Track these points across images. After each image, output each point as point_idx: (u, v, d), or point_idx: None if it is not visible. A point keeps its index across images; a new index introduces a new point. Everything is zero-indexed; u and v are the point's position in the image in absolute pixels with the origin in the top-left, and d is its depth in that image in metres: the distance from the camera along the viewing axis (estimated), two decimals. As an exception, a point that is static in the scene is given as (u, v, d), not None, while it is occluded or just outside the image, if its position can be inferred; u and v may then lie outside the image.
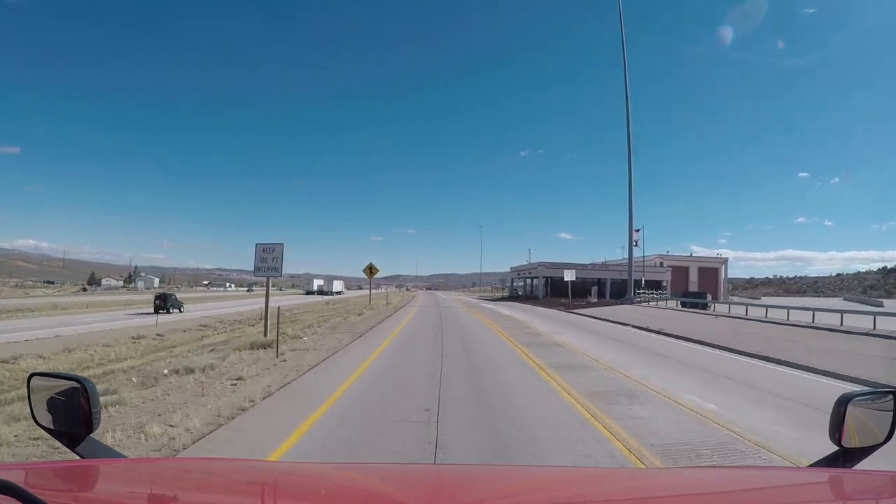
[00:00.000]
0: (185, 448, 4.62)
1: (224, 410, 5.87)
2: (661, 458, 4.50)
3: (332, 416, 5.74)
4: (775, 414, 6.28)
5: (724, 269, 71.93)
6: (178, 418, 5.45)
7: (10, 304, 39.30)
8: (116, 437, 4.75)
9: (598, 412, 6.04)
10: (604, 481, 1.56)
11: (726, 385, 8.28)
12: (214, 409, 5.97)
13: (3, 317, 28.67)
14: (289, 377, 8.26)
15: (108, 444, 1.55)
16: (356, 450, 4.59)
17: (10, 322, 26.39)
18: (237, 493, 1.24)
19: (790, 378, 9.23)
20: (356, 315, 24.36)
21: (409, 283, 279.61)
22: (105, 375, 9.89)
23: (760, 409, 6.58)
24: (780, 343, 13.75)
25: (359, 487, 1.33)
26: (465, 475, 1.66)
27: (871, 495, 1.21)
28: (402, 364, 10.25)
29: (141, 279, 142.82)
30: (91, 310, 37.25)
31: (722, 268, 71.64)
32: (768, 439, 5.11)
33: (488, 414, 5.98)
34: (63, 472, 1.28)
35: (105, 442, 2.05)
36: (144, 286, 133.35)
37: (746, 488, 1.34)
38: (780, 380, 8.95)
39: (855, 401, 1.33)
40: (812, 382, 8.85)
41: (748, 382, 8.53)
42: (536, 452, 4.55)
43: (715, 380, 8.76)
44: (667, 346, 14.23)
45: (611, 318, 23.99)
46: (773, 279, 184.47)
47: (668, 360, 11.14)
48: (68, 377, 1.36)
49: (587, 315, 27.30)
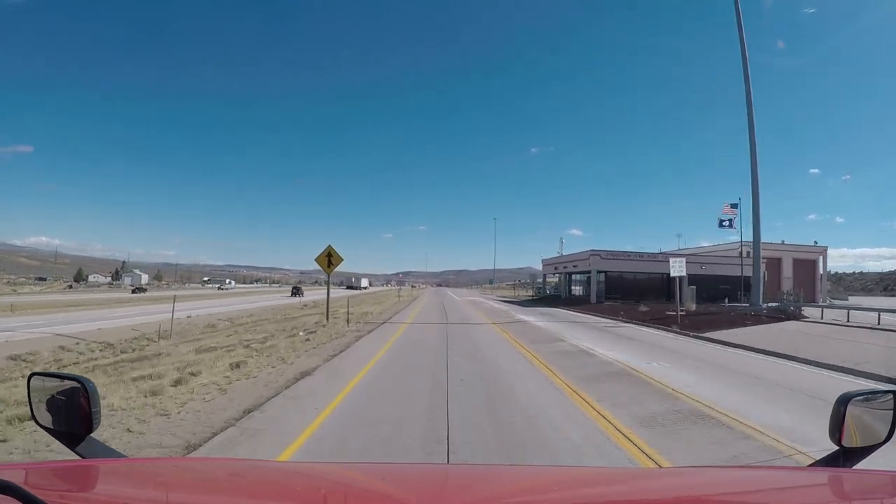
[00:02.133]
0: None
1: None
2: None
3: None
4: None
5: (822, 262, 55.72)
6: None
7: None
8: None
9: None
10: (604, 481, 1.51)
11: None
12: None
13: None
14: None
15: (107, 445, 1.50)
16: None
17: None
18: (237, 493, 1.23)
19: None
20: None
21: (421, 279, 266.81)
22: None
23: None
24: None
25: (359, 487, 1.32)
26: (465, 475, 1.67)
27: (872, 495, 1.19)
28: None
29: (128, 275, 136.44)
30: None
31: (820, 259, 55.46)
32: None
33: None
34: (63, 472, 1.28)
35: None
36: (131, 283, 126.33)
37: (746, 488, 1.33)
38: None
39: (855, 401, 1.32)
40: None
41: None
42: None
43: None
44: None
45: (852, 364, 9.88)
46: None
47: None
48: (68, 377, 1.36)
49: (755, 350, 12.99)
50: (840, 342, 13.63)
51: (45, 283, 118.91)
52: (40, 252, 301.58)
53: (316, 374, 8.55)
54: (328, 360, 10.17)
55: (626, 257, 41.90)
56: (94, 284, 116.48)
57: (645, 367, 9.76)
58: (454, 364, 9.78)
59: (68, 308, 41.40)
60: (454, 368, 9.26)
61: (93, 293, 72.39)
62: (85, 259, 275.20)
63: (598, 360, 10.65)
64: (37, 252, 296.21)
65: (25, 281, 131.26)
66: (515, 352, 11.90)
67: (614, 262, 41.67)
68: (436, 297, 62.16)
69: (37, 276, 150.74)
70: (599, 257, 42.02)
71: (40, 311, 36.94)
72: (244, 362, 9.67)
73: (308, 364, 9.64)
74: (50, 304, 44.83)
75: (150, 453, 4.60)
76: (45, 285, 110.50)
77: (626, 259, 41.91)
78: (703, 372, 9.35)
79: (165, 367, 9.85)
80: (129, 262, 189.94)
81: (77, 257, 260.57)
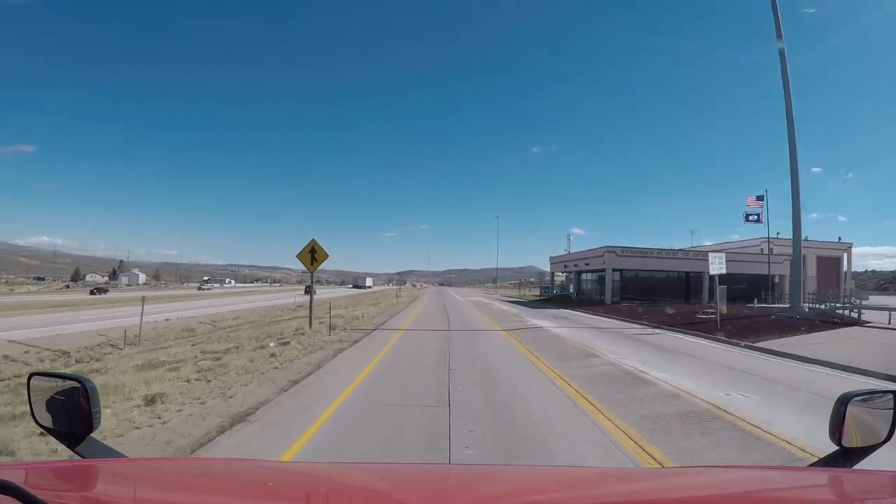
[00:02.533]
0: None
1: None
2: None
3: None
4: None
5: (846, 259, 52.77)
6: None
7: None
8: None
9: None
10: (604, 481, 1.49)
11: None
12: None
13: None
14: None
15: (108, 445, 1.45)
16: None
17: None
18: (237, 493, 1.21)
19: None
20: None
21: (423, 279, 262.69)
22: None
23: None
24: None
25: (359, 487, 1.30)
26: (465, 475, 1.65)
27: (872, 495, 1.19)
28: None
29: (125, 275, 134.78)
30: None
31: (844, 256, 52.48)
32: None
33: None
34: (63, 472, 1.27)
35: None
36: (128, 282, 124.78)
37: (747, 488, 1.31)
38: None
39: (855, 400, 1.30)
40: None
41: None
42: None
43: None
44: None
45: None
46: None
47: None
48: (68, 377, 1.35)
49: (851, 370, 9.95)
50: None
51: (44, 283, 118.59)
52: (41, 252, 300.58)
53: (253, 422, 5.69)
54: (284, 392, 7.32)
55: (643, 254, 38.71)
56: (90, 284, 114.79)
57: (730, 403, 6.84)
58: (458, 397, 6.93)
59: (48, 309, 39.05)
60: (459, 406, 6.41)
61: (80, 294, 70.13)
62: (86, 258, 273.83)
63: (659, 391, 7.72)
64: (38, 252, 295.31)
65: (24, 280, 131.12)
66: (539, 373, 9.04)
67: (631, 260, 38.55)
68: (437, 297, 58.17)
69: (36, 275, 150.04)
70: (615, 254, 37.70)
71: (13, 314, 34.48)
72: (164, 395, 6.85)
73: (252, 399, 6.80)
74: (31, 305, 42.57)
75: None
76: (43, 285, 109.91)
77: (643, 256, 38.73)
78: (819, 410, 6.45)
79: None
80: (129, 262, 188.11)
81: (78, 257, 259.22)
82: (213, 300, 56.33)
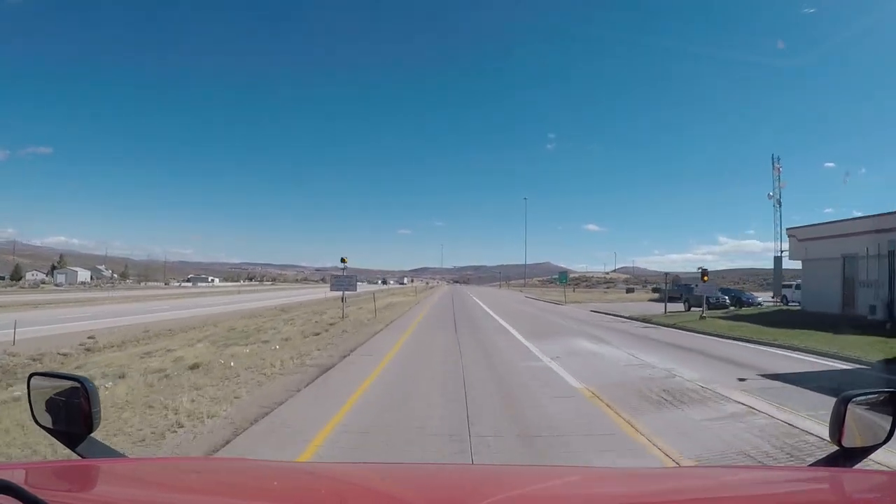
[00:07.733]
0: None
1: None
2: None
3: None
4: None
5: None
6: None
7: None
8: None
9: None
10: (605, 481, 1.48)
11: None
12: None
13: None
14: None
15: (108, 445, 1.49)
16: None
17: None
18: (237, 493, 1.20)
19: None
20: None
21: (437, 276, 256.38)
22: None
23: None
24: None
25: (360, 487, 1.28)
26: (468, 475, 1.67)
27: (872, 495, 1.17)
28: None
29: (61, 272, 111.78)
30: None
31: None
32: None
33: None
34: (63, 472, 1.27)
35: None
36: (66, 281, 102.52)
37: (747, 488, 1.30)
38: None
39: (855, 400, 1.28)
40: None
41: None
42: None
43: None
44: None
45: None
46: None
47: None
48: (68, 377, 1.35)
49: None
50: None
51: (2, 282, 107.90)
52: (58, 252, 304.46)
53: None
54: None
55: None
56: (30, 282, 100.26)
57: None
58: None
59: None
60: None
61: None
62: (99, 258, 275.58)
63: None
64: (55, 252, 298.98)
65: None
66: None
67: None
68: (448, 301, 39.27)
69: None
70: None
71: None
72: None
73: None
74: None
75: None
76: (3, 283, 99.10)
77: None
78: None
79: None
80: (142, 262, 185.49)
81: (92, 256, 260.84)
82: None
